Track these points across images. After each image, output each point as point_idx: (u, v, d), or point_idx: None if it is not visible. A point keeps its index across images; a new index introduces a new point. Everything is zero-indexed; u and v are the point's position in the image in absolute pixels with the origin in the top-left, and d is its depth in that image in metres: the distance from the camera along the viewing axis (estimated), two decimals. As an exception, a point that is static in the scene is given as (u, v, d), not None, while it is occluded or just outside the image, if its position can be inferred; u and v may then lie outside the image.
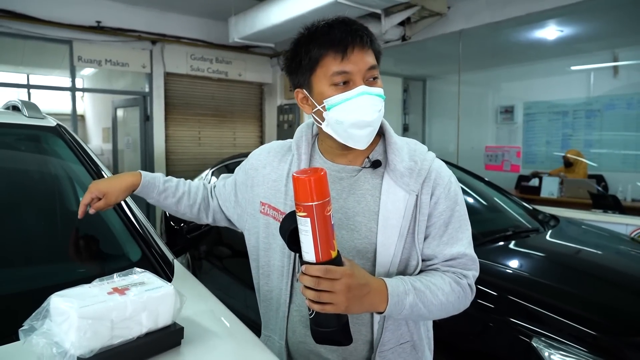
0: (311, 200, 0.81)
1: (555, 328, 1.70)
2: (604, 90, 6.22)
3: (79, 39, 5.68)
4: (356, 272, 0.89)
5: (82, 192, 1.55)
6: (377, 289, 0.93)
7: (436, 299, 0.99)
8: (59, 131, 1.61)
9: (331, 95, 1.00)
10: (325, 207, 0.83)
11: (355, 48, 0.98)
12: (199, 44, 6.62)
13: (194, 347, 0.90)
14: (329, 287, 0.84)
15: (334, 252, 0.86)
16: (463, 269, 1.06)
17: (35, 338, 0.76)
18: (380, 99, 1.02)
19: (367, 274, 0.93)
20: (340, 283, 0.85)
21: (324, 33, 1.00)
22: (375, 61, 1.03)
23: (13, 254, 1.27)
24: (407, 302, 0.95)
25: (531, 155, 6.91)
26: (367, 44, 1.00)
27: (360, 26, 1.01)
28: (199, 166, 6.17)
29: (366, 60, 1.00)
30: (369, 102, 1.00)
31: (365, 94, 0.99)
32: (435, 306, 0.99)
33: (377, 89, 1.02)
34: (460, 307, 1.07)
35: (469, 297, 1.07)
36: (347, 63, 0.98)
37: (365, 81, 1.00)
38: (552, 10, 4.37)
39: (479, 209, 3.03)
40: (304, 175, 0.82)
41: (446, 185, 1.07)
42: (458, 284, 1.04)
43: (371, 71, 1.01)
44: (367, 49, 1.00)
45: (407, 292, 0.95)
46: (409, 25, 5.35)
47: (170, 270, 1.26)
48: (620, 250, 2.68)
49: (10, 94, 5.95)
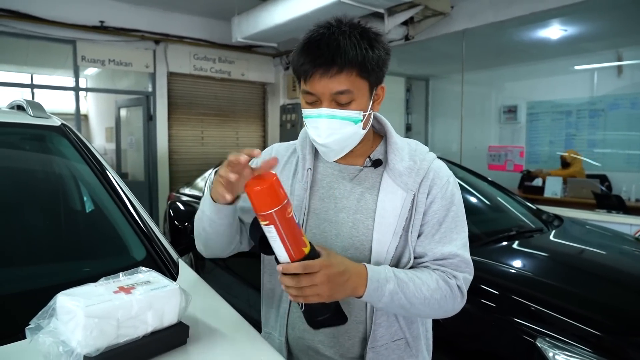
0: (269, 209, 0.83)
1: (559, 328, 1.70)
2: (608, 89, 6.20)
3: (82, 38, 5.70)
4: (333, 261, 0.90)
5: (87, 191, 1.56)
6: (357, 273, 0.94)
7: (419, 292, 0.98)
8: (63, 131, 1.61)
9: (303, 107, 1.04)
10: (285, 211, 0.84)
11: (316, 75, 0.96)
12: (202, 43, 6.63)
13: (199, 346, 0.90)
14: (309, 282, 0.87)
15: (306, 248, 0.88)
16: (454, 270, 1.05)
17: (42, 336, 0.77)
18: (346, 121, 1.00)
19: (346, 259, 0.95)
20: (320, 275, 0.87)
21: (302, 49, 0.99)
22: (347, 85, 0.96)
23: (19, 253, 1.27)
24: (386, 289, 0.95)
25: (534, 155, 6.89)
26: (338, 68, 0.95)
27: (335, 46, 0.95)
28: (201, 166, 6.18)
29: (330, 86, 0.96)
30: (325, 125, 1.00)
31: (322, 117, 0.99)
32: (418, 299, 0.98)
33: (344, 111, 0.99)
34: (447, 309, 1.04)
35: (458, 300, 1.05)
36: (311, 86, 0.99)
37: (333, 103, 0.99)
38: (556, 10, 4.35)
39: (483, 208, 3.02)
40: (258, 187, 0.83)
41: (444, 185, 1.08)
42: (446, 282, 1.03)
43: (338, 96, 0.97)
44: (336, 74, 0.95)
45: (388, 280, 0.96)
46: (412, 25, 5.34)
47: (175, 269, 1.26)
48: (624, 250, 2.67)
49: (14, 94, 5.98)
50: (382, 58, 1.00)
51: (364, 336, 1.09)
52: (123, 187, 1.48)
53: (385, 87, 1.07)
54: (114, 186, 1.46)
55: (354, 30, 0.98)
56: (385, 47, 1.02)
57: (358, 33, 0.98)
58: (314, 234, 1.11)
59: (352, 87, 0.97)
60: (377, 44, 0.99)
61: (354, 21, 1.00)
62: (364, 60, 0.96)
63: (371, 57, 0.97)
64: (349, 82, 0.97)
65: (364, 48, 0.96)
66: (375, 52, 0.98)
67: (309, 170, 1.13)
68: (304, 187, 1.13)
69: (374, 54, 0.97)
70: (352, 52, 0.95)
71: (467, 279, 1.07)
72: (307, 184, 1.12)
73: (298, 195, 1.13)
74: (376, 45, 0.99)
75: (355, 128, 1.01)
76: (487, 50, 6.26)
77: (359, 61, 0.96)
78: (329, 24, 0.99)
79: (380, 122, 1.16)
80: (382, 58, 1.00)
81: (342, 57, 0.94)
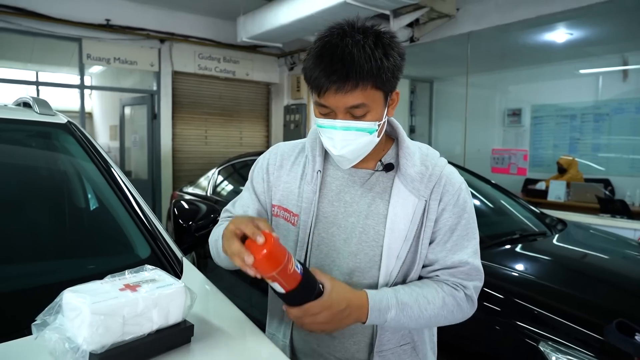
0: (271, 272, 0.86)
1: (562, 332, 1.70)
2: (613, 94, 6.19)
3: (88, 36, 5.72)
4: (334, 298, 0.93)
5: (92, 188, 1.56)
6: (358, 307, 0.97)
7: (424, 312, 1.01)
8: (69, 128, 1.62)
9: (317, 116, 1.03)
10: (287, 268, 0.87)
11: (330, 91, 0.94)
12: (207, 43, 6.64)
13: (203, 345, 0.90)
14: (311, 320, 0.92)
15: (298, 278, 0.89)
16: (464, 279, 1.05)
17: (48, 333, 0.77)
18: (362, 132, 0.98)
19: (347, 291, 0.96)
20: (321, 316, 0.92)
21: (315, 61, 0.95)
22: (362, 99, 0.94)
23: (24, 250, 1.28)
24: (388, 317, 0.99)
25: (538, 159, 6.88)
26: (353, 83, 0.92)
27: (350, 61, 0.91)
28: (205, 165, 6.19)
29: (344, 101, 0.94)
30: (341, 137, 0.99)
31: (337, 128, 0.98)
32: (424, 319, 1.02)
33: (359, 123, 0.97)
34: (455, 319, 1.07)
35: (466, 310, 1.07)
36: (325, 100, 0.97)
37: (348, 115, 0.97)
38: (562, 13, 4.35)
39: (486, 211, 3.02)
40: (258, 254, 0.84)
41: (456, 192, 1.07)
42: (453, 297, 1.04)
43: (353, 109, 0.96)
44: (351, 89, 0.93)
45: (390, 307, 0.98)
46: (418, 27, 5.34)
47: (179, 268, 1.26)
48: (627, 255, 2.66)
49: (19, 91, 6.00)
50: (397, 65, 0.97)
51: (370, 341, 1.09)
52: (128, 185, 1.48)
53: (399, 92, 1.05)
54: (119, 184, 1.46)
55: (368, 37, 0.94)
56: (400, 51, 0.99)
57: (372, 41, 0.94)
58: (322, 238, 1.09)
59: (367, 100, 0.95)
60: (392, 51, 0.96)
61: (366, 25, 0.97)
62: (379, 72, 0.93)
63: (386, 68, 0.94)
64: (364, 96, 0.95)
65: (378, 59, 0.93)
66: (390, 61, 0.95)
67: (319, 172, 1.11)
68: (313, 189, 1.10)
69: (389, 64, 0.95)
70: (367, 65, 0.92)
71: (478, 287, 1.07)
72: (316, 186, 1.10)
73: (307, 198, 1.10)
74: (391, 52, 0.96)
75: (370, 138, 1.00)
76: (492, 53, 6.25)
77: (374, 74, 0.93)
78: (341, 30, 0.96)
79: (392, 125, 1.14)
80: (397, 65, 0.97)
81: (357, 72, 0.92)
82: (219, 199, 3.90)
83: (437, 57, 6.64)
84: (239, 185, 4.06)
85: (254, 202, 1.20)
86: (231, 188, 4.11)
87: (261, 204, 1.20)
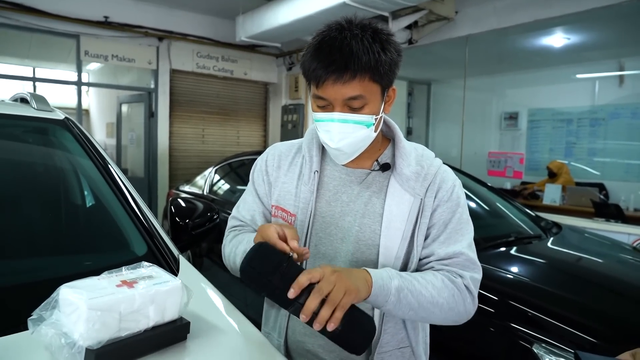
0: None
1: (556, 334, 1.71)
2: (609, 99, 6.22)
3: (86, 33, 5.70)
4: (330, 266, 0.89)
5: (89, 185, 1.56)
6: (359, 271, 0.93)
7: (426, 290, 0.97)
8: (67, 124, 1.61)
9: (314, 111, 1.04)
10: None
11: (329, 82, 0.95)
12: (206, 41, 6.63)
13: (199, 342, 0.91)
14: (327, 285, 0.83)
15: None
16: (459, 269, 1.03)
17: (44, 328, 0.77)
18: (359, 125, 0.99)
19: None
20: (328, 274, 0.85)
21: (314, 53, 0.97)
22: (360, 90, 0.96)
23: (21, 246, 1.27)
24: (392, 285, 0.93)
25: (534, 162, 6.90)
26: (351, 74, 0.94)
27: (348, 52, 0.93)
28: (202, 164, 6.18)
29: (342, 92, 0.96)
30: (338, 129, 1.00)
31: (334, 121, 0.99)
32: (426, 298, 0.96)
33: (356, 116, 0.98)
34: (459, 310, 1.02)
35: (468, 300, 1.02)
36: (323, 92, 0.98)
37: (346, 107, 0.98)
38: (560, 18, 4.37)
39: (482, 214, 3.03)
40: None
41: (449, 188, 1.09)
42: (451, 281, 1.01)
43: (351, 101, 0.97)
44: (349, 80, 0.94)
45: (392, 277, 0.94)
46: (416, 29, 5.36)
47: (175, 265, 1.26)
48: (621, 259, 2.68)
49: (16, 87, 5.97)
50: (394, 60, 0.99)
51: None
52: (125, 182, 1.48)
53: (396, 89, 1.06)
54: (116, 181, 1.46)
55: (366, 32, 0.96)
56: (397, 48, 1.00)
57: (370, 36, 0.96)
58: (320, 238, 1.10)
59: (364, 92, 0.97)
60: (389, 46, 0.98)
61: (364, 22, 0.99)
62: (376, 64, 0.95)
63: (384, 61, 0.96)
64: (362, 87, 0.96)
65: (376, 52, 0.95)
66: (387, 55, 0.97)
67: (316, 172, 1.12)
68: (310, 189, 1.11)
69: (386, 57, 0.96)
70: (365, 57, 0.94)
71: (475, 279, 1.04)
72: (313, 186, 1.11)
73: (304, 198, 1.11)
74: (388, 47, 0.98)
75: (367, 131, 1.01)
76: (490, 56, 6.27)
77: (372, 66, 0.95)
78: (339, 25, 0.98)
79: (388, 126, 1.16)
80: (394, 60, 0.99)
81: (355, 63, 0.93)
82: (215, 198, 3.90)
83: (435, 59, 6.66)
84: (235, 184, 4.06)
85: (258, 205, 1.21)
86: (227, 187, 4.10)
87: (265, 207, 1.21)
